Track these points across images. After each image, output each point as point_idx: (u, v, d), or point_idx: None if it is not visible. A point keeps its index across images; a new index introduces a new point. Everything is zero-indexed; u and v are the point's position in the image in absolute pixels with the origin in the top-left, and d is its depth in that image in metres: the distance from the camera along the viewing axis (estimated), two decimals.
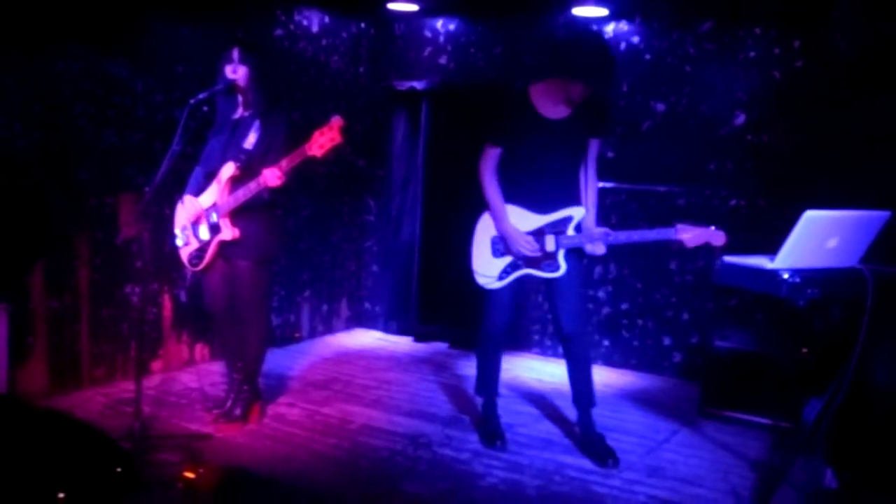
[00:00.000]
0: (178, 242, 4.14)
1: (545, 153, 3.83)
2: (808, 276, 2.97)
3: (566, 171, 3.91)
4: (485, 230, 4.02)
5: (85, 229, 4.52)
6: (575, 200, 3.91)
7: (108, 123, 4.57)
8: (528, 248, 3.86)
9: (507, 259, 3.95)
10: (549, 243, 3.85)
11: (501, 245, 3.96)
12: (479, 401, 4.39)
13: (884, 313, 3.00)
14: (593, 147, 3.94)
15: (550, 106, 3.82)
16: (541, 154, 3.84)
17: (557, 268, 3.87)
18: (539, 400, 4.88)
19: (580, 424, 4.09)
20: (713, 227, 3.58)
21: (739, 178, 5.22)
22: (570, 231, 3.86)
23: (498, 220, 3.92)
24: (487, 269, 4.01)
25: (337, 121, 3.67)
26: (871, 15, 4.61)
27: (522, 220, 3.90)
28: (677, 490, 3.64)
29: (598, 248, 3.84)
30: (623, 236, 3.82)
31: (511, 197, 3.92)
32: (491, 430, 4.15)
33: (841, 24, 4.80)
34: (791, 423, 4.24)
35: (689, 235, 3.60)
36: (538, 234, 3.88)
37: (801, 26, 4.97)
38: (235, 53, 3.92)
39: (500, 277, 3.98)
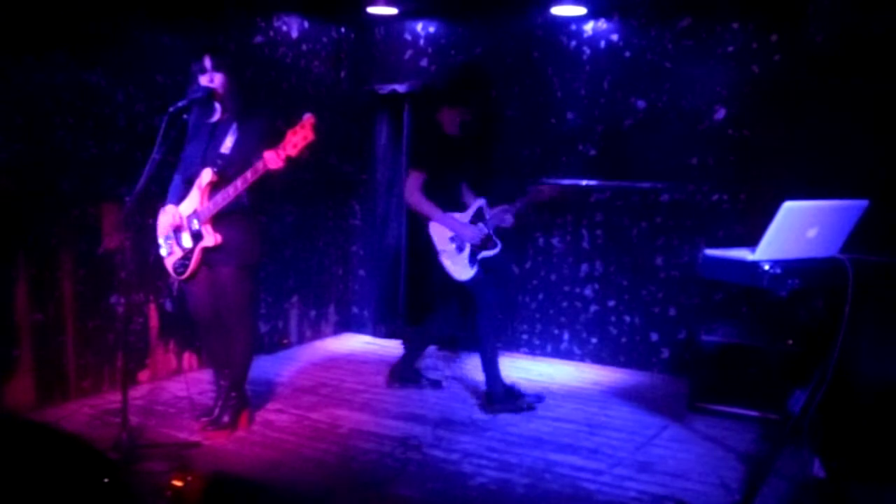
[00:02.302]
0: (163, 252, 4.12)
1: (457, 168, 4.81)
2: (788, 267, 2.99)
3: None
4: (441, 237, 4.66)
5: (68, 240, 4.50)
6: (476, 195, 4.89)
7: (89, 134, 4.56)
8: (477, 232, 4.65)
9: (467, 248, 4.66)
10: (484, 228, 4.71)
11: (458, 240, 4.65)
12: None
13: (865, 302, 3.02)
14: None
15: (454, 128, 4.77)
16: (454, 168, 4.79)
17: (497, 244, 4.78)
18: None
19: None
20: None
21: (721, 172, 5.24)
22: (485, 216, 4.76)
23: (447, 222, 4.64)
24: (461, 264, 4.65)
25: (309, 118, 3.67)
26: (846, 7, 4.65)
27: (460, 219, 4.72)
28: (667, 485, 3.65)
29: (508, 220, 4.77)
30: (511, 208, 4.77)
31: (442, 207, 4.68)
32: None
33: (816, 16, 4.83)
34: (779, 414, 4.26)
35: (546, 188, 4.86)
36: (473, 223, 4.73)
37: (778, 20, 5.00)
38: (207, 62, 3.90)
39: (472, 264, 4.66)
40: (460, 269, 4.65)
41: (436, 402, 4.79)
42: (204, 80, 3.89)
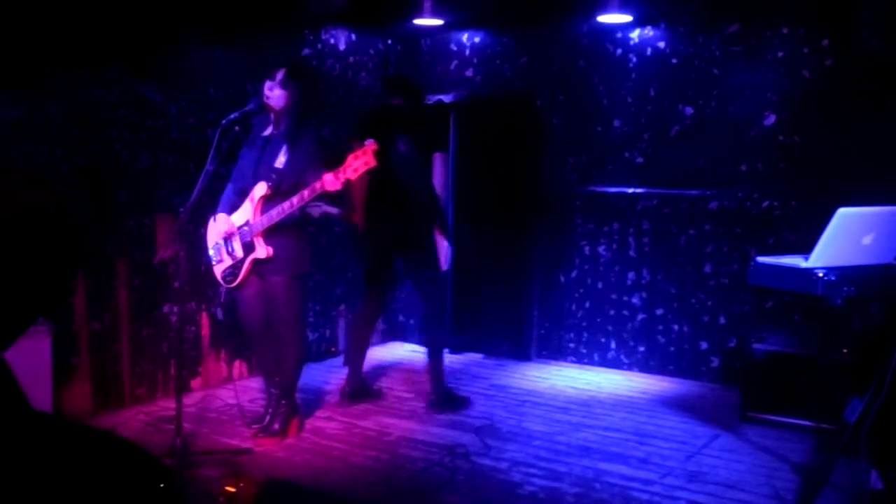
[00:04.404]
0: (213, 260, 4.21)
1: None
2: (843, 274, 2.95)
3: None
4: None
5: (124, 250, 4.61)
6: None
7: (144, 146, 4.67)
8: None
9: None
10: None
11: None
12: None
13: None
14: None
15: None
16: None
17: None
18: (576, 408, 4.86)
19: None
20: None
21: (772, 178, 5.17)
22: None
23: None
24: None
25: (371, 145, 3.72)
26: None
27: None
28: (719, 495, 3.60)
29: None
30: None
31: None
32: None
33: (869, 20, 4.75)
34: (833, 424, 4.17)
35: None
36: None
37: (830, 24, 4.93)
38: (280, 74, 3.95)
39: None
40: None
41: (483, 411, 4.79)
42: (265, 90, 3.95)
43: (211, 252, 4.20)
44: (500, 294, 6.14)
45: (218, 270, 4.19)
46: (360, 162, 3.71)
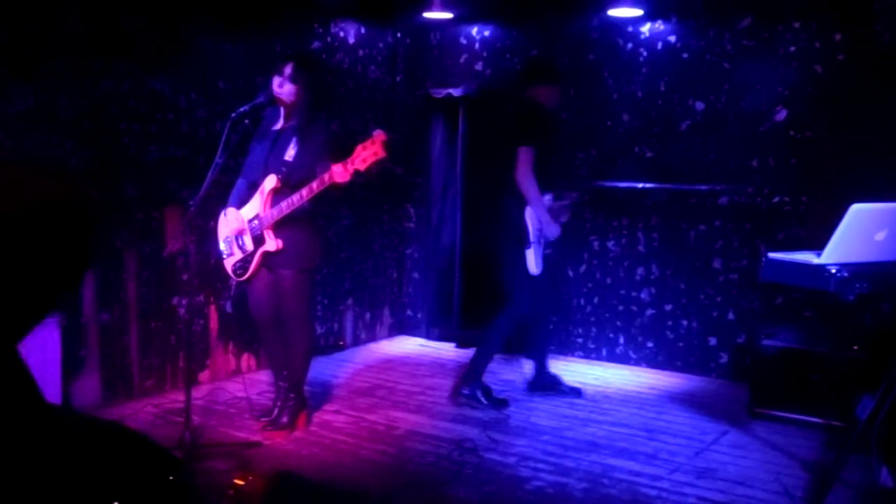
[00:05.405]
0: (223, 253, 4.21)
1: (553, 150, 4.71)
2: (856, 270, 2.93)
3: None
4: (533, 227, 4.54)
5: (133, 243, 4.62)
6: None
7: (153, 139, 4.67)
8: (557, 228, 4.58)
9: (543, 242, 4.58)
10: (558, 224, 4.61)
11: (538, 233, 4.54)
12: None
13: None
14: None
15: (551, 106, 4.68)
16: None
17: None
18: (584, 403, 4.85)
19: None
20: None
21: (783, 174, 5.15)
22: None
23: (543, 213, 4.52)
24: (538, 258, 4.56)
25: (379, 135, 3.69)
26: None
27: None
28: (728, 491, 3.59)
29: (565, 217, 4.79)
30: (568, 204, 4.79)
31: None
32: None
33: (883, 14, 4.71)
34: (844, 421, 4.16)
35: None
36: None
37: (843, 19, 4.89)
38: (288, 69, 3.93)
39: (542, 260, 4.58)
40: (536, 263, 4.56)
41: (491, 406, 4.77)
42: (275, 86, 3.94)
43: (222, 247, 4.21)
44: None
45: (228, 264, 4.20)
46: (368, 152, 3.69)
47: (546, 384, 4.96)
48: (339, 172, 3.72)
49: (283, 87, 3.93)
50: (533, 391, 4.96)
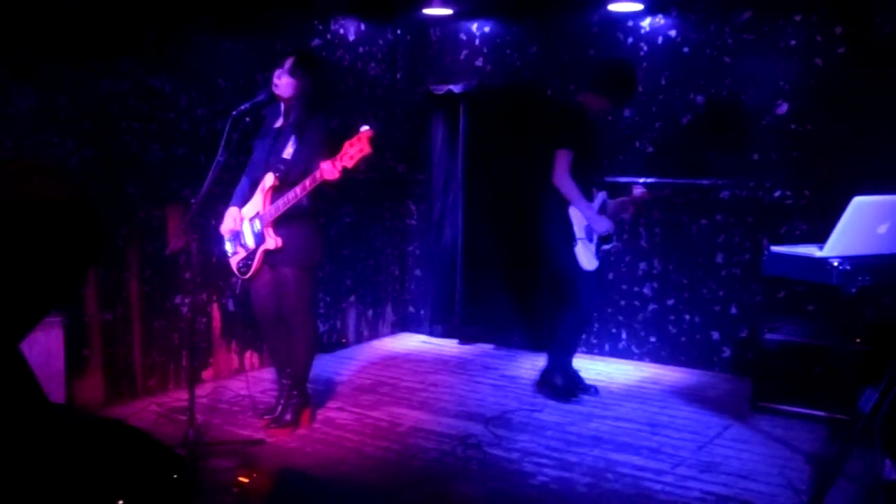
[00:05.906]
0: (228, 251, 4.22)
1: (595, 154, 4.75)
2: (858, 263, 2.92)
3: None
4: (579, 225, 4.61)
5: (134, 242, 4.62)
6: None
7: (154, 138, 4.67)
8: (608, 224, 4.62)
9: (595, 239, 4.67)
10: (611, 221, 4.68)
11: (586, 229, 4.62)
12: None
13: None
14: None
15: (595, 115, 4.76)
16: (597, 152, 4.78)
17: (614, 239, 4.84)
18: (587, 398, 4.85)
19: None
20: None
21: (784, 167, 5.14)
22: (607, 209, 4.76)
23: (586, 210, 4.58)
24: (588, 254, 4.63)
25: (366, 132, 3.69)
26: None
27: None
28: (731, 485, 3.60)
29: (627, 214, 5.14)
30: (629, 202, 4.97)
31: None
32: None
33: (884, 8, 4.70)
34: (847, 414, 4.15)
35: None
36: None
37: (843, 12, 4.88)
38: (288, 63, 3.94)
39: (597, 257, 4.68)
40: (588, 259, 4.63)
41: (493, 402, 4.79)
42: (274, 79, 3.94)
43: (227, 245, 4.22)
44: (510, 284, 6.14)
45: (233, 262, 4.21)
46: (355, 149, 3.69)
47: (570, 382, 4.89)
48: (328, 170, 3.72)
49: (281, 80, 3.94)
50: (541, 389, 4.94)
